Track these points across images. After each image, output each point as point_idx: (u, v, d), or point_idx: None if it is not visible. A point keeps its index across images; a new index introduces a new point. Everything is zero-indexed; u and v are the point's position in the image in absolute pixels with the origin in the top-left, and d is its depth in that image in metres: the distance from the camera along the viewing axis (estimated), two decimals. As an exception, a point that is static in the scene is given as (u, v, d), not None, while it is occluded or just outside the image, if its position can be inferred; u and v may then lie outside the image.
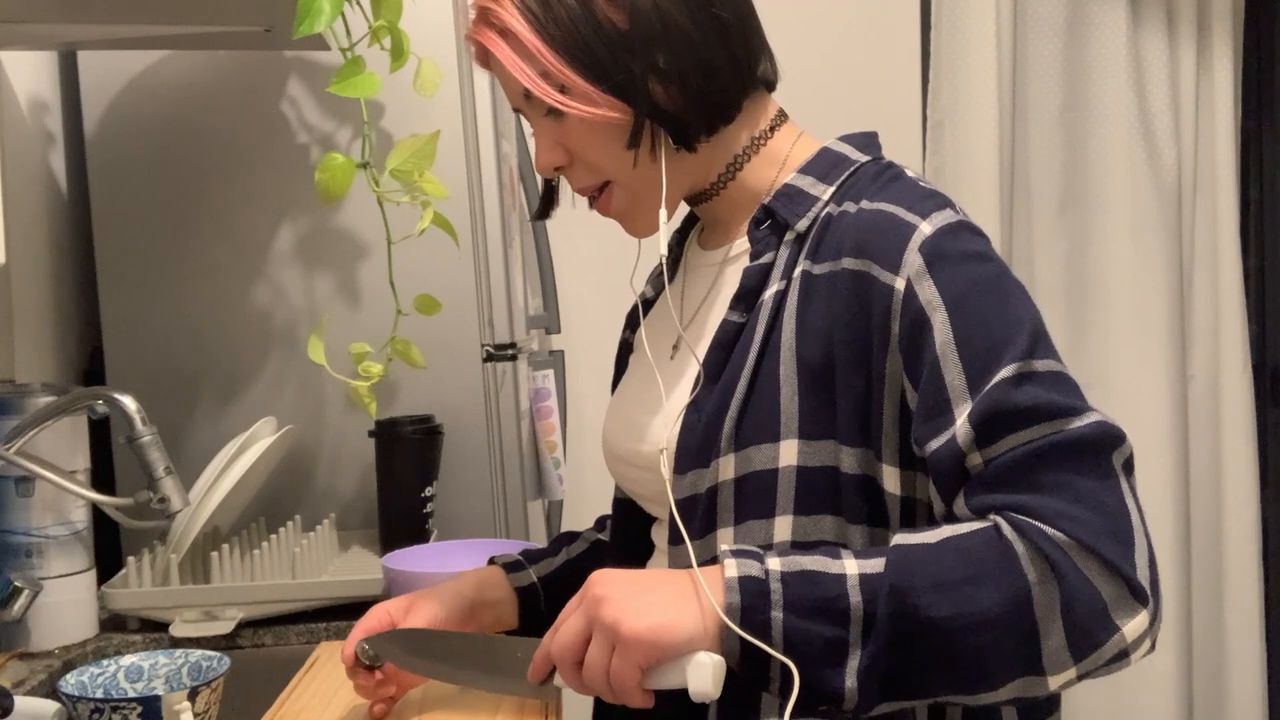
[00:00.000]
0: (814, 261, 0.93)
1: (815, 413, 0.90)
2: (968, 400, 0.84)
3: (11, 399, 1.37)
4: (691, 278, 1.08)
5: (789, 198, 0.98)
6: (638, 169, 0.97)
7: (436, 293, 1.66)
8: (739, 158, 1.01)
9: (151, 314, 1.73)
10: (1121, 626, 0.78)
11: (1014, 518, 0.80)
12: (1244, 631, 2.70)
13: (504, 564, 1.17)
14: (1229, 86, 2.66)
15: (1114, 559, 0.78)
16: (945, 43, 2.63)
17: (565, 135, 0.98)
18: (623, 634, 0.82)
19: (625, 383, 1.14)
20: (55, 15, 1.43)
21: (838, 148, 1.00)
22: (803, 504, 0.90)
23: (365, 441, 1.68)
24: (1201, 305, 2.71)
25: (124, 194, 1.73)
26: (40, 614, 1.38)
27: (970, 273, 0.88)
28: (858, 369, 0.89)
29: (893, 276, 0.88)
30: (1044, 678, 0.79)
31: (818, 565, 0.83)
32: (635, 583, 0.86)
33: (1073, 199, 2.69)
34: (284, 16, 1.41)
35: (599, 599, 0.84)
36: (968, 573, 0.78)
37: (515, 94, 0.99)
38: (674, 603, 0.83)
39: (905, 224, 0.90)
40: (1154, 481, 2.67)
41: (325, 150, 1.68)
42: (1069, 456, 0.81)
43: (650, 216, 1.01)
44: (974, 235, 0.91)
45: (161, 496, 1.26)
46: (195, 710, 1.05)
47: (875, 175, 0.97)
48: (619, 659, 0.83)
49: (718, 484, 0.93)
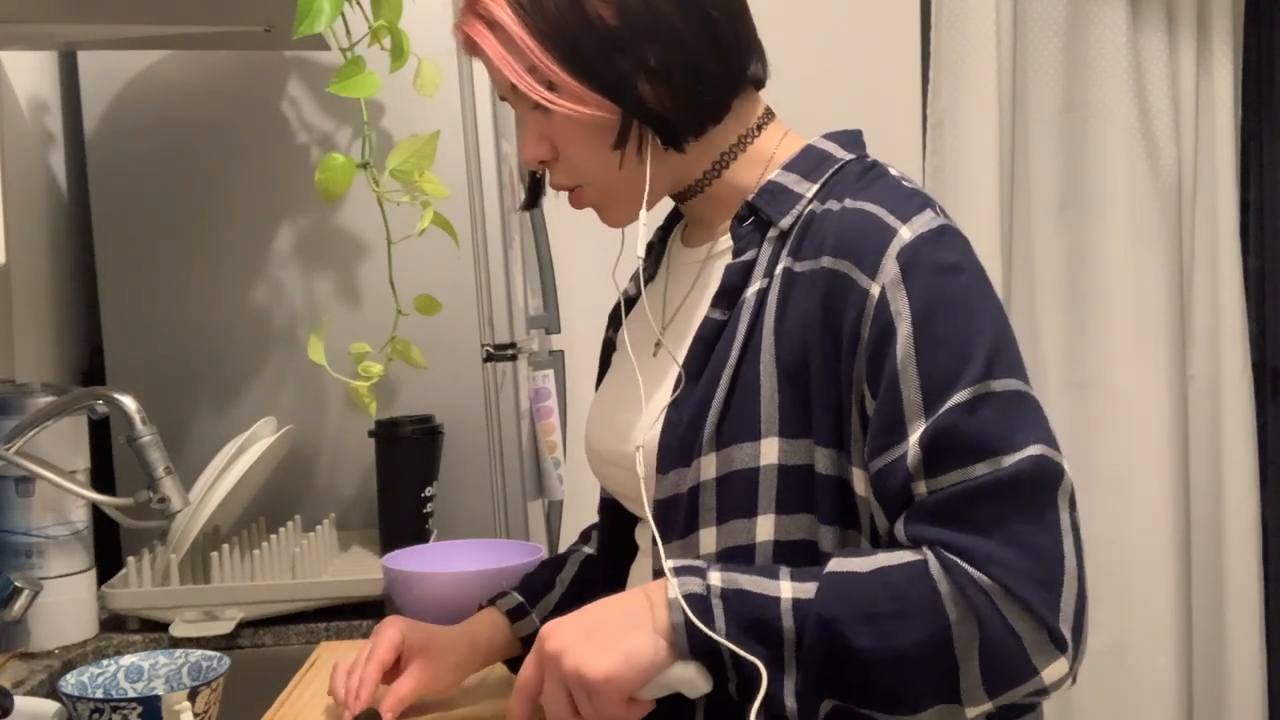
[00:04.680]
0: (796, 259, 0.93)
1: (794, 411, 0.90)
2: (921, 420, 0.85)
3: (11, 399, 1.37)
4: (674, 275, 1.08)
5: (772, 195, 0.97)
6: (623, 169, 0.97)
7: (436, 293, 1.66)
8: (725, 155, 1.01)
9: (151, 314, 1.73)
10: (1039, 670, 0.82)
11: (945, 556, 0.83)
12: (1244, 631, 2.70)
13: (507, 610, 1.16)
14: (1229, 86, 2.66)
15: (1037, 606, 0.81)
16: (945, 43, 2.63)
17: (551, 130, 0.97)
18: (588, 679, 0.85)
19: (607, 382, 1.14)
20: (55, 15, 1.43)
21: (822, 145, 1.00)
22: (784, 503, 0.91)
23: (365, 441, 1.67)
24: (1201, 305, 2.71)
25: (124, 194, 1.73)
26: (40, 614, 1.38)
27: (940, 286, 0.87)
28: (831, 371, 0.89)
29: (869, 281, 0.88)
30: (961, 708, 0.83)
31: (754, 586, 0.85)
32: (582, 627, 0.87)
33: (1073, 199, 2.69)
34: (284, 16, 1.41)
35: (556, 655, 0.86)
36: (893, 607, 0.82)
37: (502, 85, 0.98)
38: (624, 634, 0.86)
39: (886, 227, 0.89)
40: (1154, 481, 2.67)
41: (325, 150, 1.68)
42: (1008, 496, 0.83)
43: (627, 209, 1.00)
44: (952, 241, 0.90)
45: (161, 496, 1.26)
46: (195, 710, 1.05)
47: (860, 174, 0.96)
48: (600, 703, 0.85)
49: (699, 483, 0.93)
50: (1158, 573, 2.68)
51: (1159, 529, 2.68)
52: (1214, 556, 2.72)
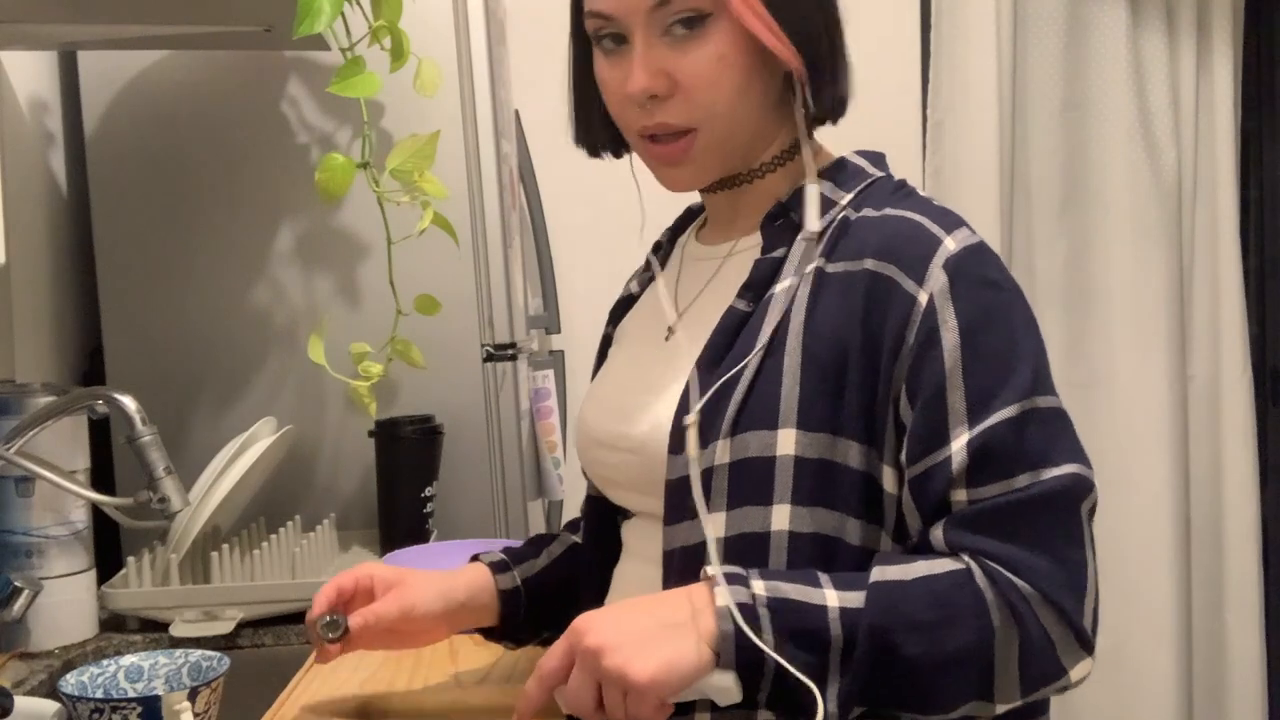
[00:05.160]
0: (829, 260, 0.95)
1: (815, 406, 0.91)
2: (965, 428, 0.88)
3: (11, 399, 1.37)
4: (687, 270, 1.09)
5: (806, 200, 0.99)
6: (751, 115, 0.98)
7: (436, 293, 1.66)
8: (778, 159, 1.03)
9: (151, 314, 1.73)
10: (1069, 670, 0.87)
11: (987, 564, 0.87)
12: (1244, 631, 2.70)
13: (489, 563, 1.17)
14: (1229, 86, 2.66)
15: (1069, 610, 0.86)
16: (945, 43, 2.63)
17: (683, 63, 0.94)
18: (632, 682, 0.83)
19: (607, 370, 1.14)
20: (55, 15, 1.43)
21: (855, 160, 1.03)
22: (800, 494, 0.91)
23: (365, 441, 1.68)
24: (1201, 306, 2.71)
25: (124, 194, 1.73)
26: (40, 614, 1.38)
27: (987, 300, 0.91)
28: (868, 368, 0.91)
29: (916, 287, 0.90)
30: (993, 704, 0.87)
31: (800, 595, 0.86)
32: (626, 625, 0.86)
33: (1073, 199, 2.69)
34: (284, 16, 1.41)
35: (597, 651, 0.85)
36: (940, 614, 0.85)
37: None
38: (670, 638, 0.85)
39: (932, 236, 0.92)
40: (1154, 481, 2.67)
41: (325, 150, 1.68)
42: (1044, 510, 0.87)
43: (712, 164, 1.00)
44: (991, 258, 0.94)
45: (161, 496, 1.26)
46: (195, 710, 1.05)
47: (892, 189, 1.00)
48: (635, 704, 0.85)
49: (713, 467, 0.94)
50: (1157, 572, 2.68)
51: (1159, 528, 2.68)
52: (1214, 556, 2.72)
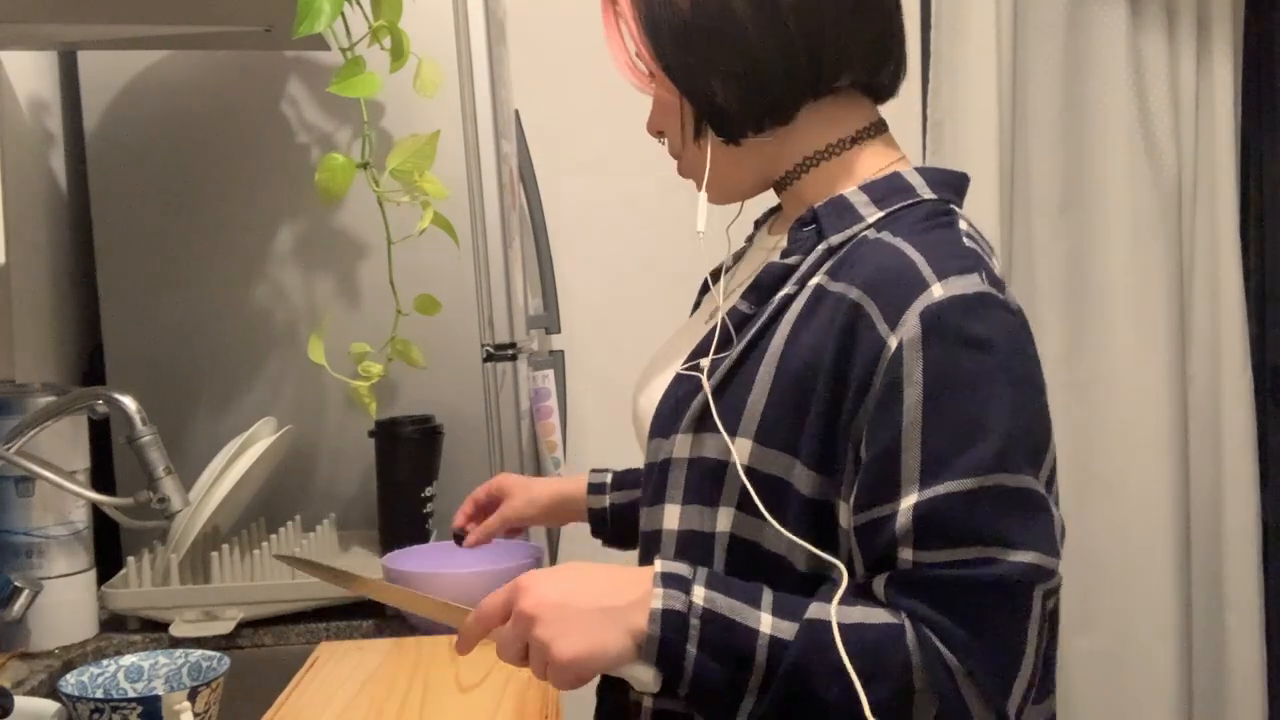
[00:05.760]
0: (833, 278, 0.93)
1: (778, 423, 0.91)
2: (915, 491, 0.85)
3: (11, 399, 1.37)
4: (749, 256, 1.11)
5: (836, 209, 0.97)
6: (699, 152, 1.03)
7: (436, 293, 1.66)
8: (809, 160, 1.01)
9: (151, 314, 1.73)
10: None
11: (922, 630, 0.85)
12: (1244, 631, 2.70)
13: (591, 483, 1.32)
14: (1229, 86, 2.66)
15: (994, 693, 0.85)
16: (945, 43, 2.63)
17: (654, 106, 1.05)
18: (553, 657, 0.87)
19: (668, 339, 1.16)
20: (55, 15, 1.43)
21: (908, 176, 0.99)
22: (748, 504, 0.92)
23: (365, 441, 1.68)
24: (1201, 305, 2.71)
25: (124, 194, 1.73)
26: (40, 614, 1.38)
27: (961, 361, 0.86)
28: (832, 400, 0.89)
29: (888, 330, 0.87)
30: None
31: (735, 614, 0.87)
32: (563, 597, 0.89)
33: (1073, 200, 2.69)
34: (284, 16, 1.41)
35: (531, 618, 0.88)
36: (865, 667, 0.84)
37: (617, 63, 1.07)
38: (600, 624, 0.88)
39: (920, 279, 0.88)
40: (1154, 481, 2.67)
41: (325, 150, 1.68)
42: (989, 593, 0.85)
43: (715, 189, 1.05)
44: (988, 313, 0.87)
45: (161, 496, 1.26)
46: (195, 710, 1.05)
47: (927, 215, 0.95)
48: (554, 674, 0.89)
49: (671, 459, 0.96)
50: (1157, 573, 2.67)
51: (1159, 529, 2.67)
52: (1214, 556, 2.72)
